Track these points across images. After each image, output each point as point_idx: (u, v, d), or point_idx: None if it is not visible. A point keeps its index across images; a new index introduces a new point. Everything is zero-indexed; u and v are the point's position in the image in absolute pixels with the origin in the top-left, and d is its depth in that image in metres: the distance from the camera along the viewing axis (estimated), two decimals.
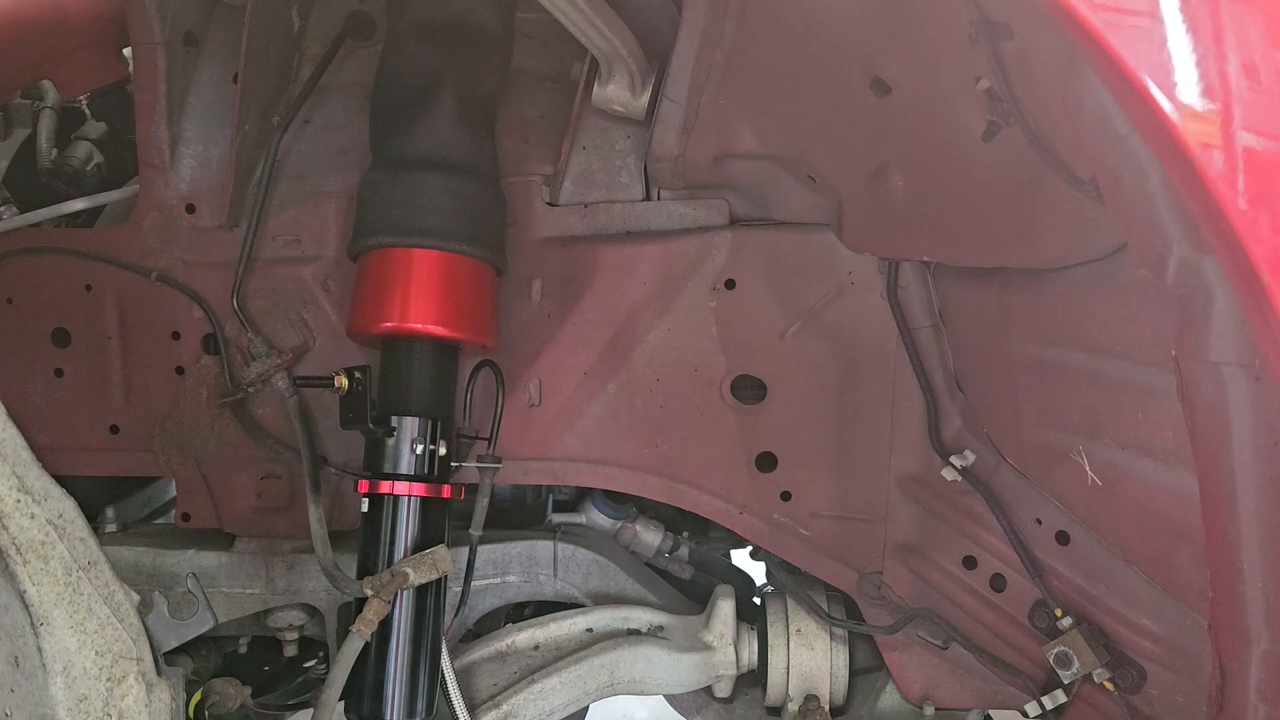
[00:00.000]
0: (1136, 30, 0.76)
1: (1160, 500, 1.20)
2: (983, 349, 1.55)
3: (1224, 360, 0.91)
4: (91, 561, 1.28)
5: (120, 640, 1.28)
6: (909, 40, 1.13)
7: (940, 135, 1.21)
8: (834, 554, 1.72)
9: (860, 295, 1.66)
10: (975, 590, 1.61)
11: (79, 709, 1.23)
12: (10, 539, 1.19)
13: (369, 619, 1.39)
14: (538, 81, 1.73)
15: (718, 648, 1.72)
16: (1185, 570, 1.23)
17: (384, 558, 1.46)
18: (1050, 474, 1.47)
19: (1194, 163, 0.76)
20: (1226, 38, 0.77)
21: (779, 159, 1.59)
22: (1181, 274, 0.90)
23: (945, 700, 1.71)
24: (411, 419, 1.50)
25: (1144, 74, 0.75)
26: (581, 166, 1.73)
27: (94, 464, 1.76)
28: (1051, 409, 1.39)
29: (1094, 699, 1.49)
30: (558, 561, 1.78)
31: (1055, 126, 0.99)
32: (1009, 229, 1.23)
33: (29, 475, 1.23)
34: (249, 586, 1.74)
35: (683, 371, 1.71)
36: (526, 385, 1.72)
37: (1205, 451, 0.99)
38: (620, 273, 1.69)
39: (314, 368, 1.63)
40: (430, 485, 1.49)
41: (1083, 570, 1.48)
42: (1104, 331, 1.19)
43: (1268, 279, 0.77)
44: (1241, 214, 0.76)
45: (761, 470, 1.72)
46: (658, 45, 1.53)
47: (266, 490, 1.74)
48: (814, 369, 1.69)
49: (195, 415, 1.74)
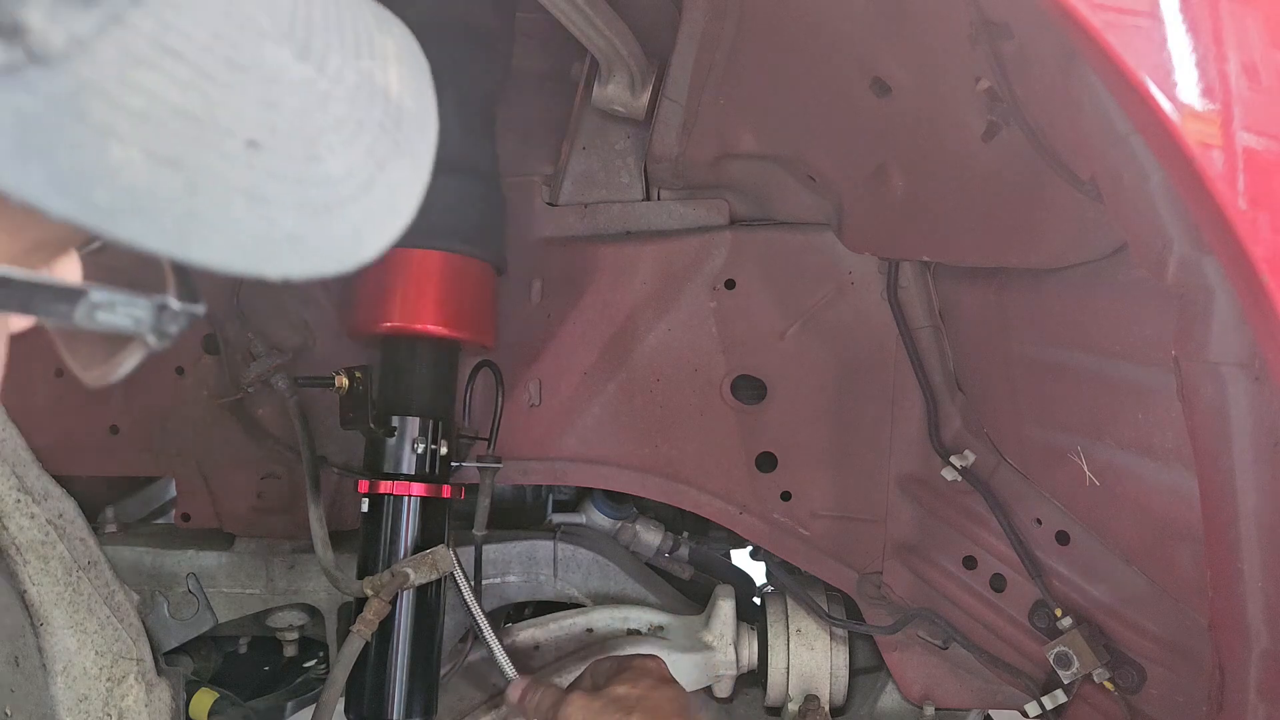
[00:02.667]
0: (1136, 30, 0.76)
1: (1160, 500, 1.20)
2: (983, 349, 1.55)
3: (1224, 360, 0.91)
4: (91, 561, 1.28)
5: (120, 640, 1.29)
6: (909, 40, 1.13)
7: (940, 135, 1.21)
8: (834, 554, 1.72)
9: (860, 295, 1.66)
10: (975, 590, 1.61)
11: (79, 709, 1.23)
12: (10, 539, 1.19)
13: (369, 619, 1.39)
14: (538, 81, 1.73)
15: (718, 648, 1.72)
16: (1185, 570, 1.23)
17: (384, 558, 1.46)
18: (1050, 474, 1.47)
19: (1194, 163, 0.76)
20: (1226, 38, 0.77)
21: (779, 159, 1.59)
22: (1181, 274, 0.90)
23: (945, 700, 1.71)
24: (412, 419, 1.49)
25: (1144, 74, 0.75)
26: (581, 166, 1.73)
27: (94, 464, 1.76)
28: (1052, 409, 1.39)
29: (1094, 699, 1.49)
30: (558, 561, 1.78)
31: (1055, 126, 0.99)
32: (1009, 229, 1.23)
33: (29, 475, 1.23)
34: (249, 586, 1.73)
35: (683, 371, 1.71)
36: (527, 385, 1.72)
37: (1205, 452, 0.99)
38: (620, 273, 1.69)
39: (314, 368, 1.63)
40: (431, 485, 1.49)
41: (1083, 570, 1.48)
42: (1104, 331, 1.19)
43: (1268, 279, 0.77)
44: (1241, 214, 0.76)
45: (761, 470, 1.72)
46: (657, 45, 1.53)
47: (267, 490, 1.74)
48: (814, 369, 1.69)
49: (195, 415, 1.74)
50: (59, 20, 0.36)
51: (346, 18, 0.48)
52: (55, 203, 0.36)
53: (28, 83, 0.36)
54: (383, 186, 0.47)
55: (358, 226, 0.46)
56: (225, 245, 0.41)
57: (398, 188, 0.49)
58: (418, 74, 0.54)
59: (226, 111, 0.41)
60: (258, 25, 0.43)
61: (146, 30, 0.39)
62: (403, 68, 0.52)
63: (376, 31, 0.51)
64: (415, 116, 0.52)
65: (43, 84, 0.37)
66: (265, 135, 0.42)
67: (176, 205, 0.39)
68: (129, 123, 0.38)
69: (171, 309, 0.46)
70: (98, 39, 0.38)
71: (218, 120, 0.41)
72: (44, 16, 0.36)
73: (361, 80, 0.47)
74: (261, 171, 0.42)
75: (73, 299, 0.43)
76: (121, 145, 0.38)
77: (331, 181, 0.45)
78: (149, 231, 0.39)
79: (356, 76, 0.47)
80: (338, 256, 0.45)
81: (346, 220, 0.45)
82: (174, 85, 0.39)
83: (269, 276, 0.42)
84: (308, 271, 0.44)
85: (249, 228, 0.41)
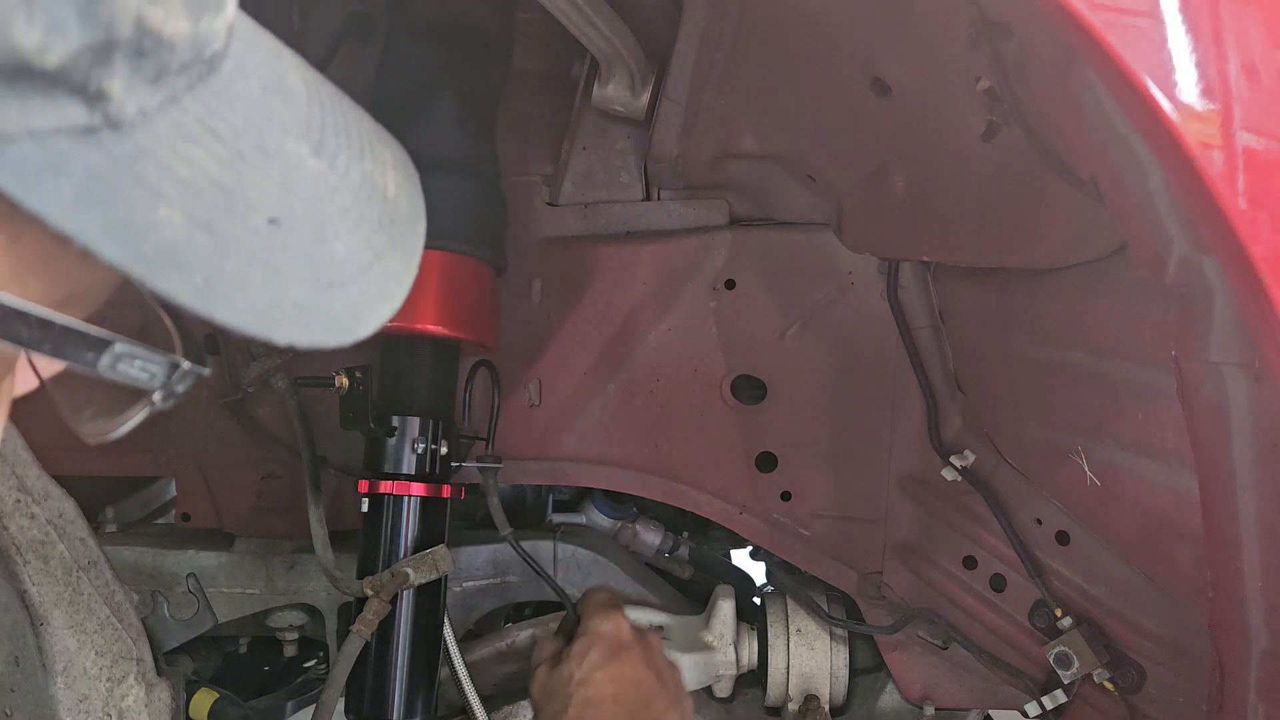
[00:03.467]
0: (1136, 30, 0.76)
1: (1160, 500, 1.20)
2: (983, 349, 1.55)
3: (1224, 360, 0.91)
4: (91, 561, 1.28)
5: (120, 640, 1.29)
6: (909, 40, 1.13)
7: (940, 135, 1.21)
8: (834, 554, 1.72)
9: (860, 295, 1.66)
10: (975, 590, 1.61)
11: (79, 709, 1.23)
12: (10, 539, 1.19)
13: (369, 619, 1.38)
14: (537, 81, 1.73)
15: (718, 648, 1.72)
16: (1185, 570, 1.23)
17: (384, 558, 1.46)
18: (1051, 474, 1.47)
19: (1194, 162, 0.75)
20: (1226, 38, 0.77)
21: (779, 159, 1.59)
22: (1181, 273, 0.90)
23: (945, 700, 1.71)
24: (412, 419, 1.49)
25: (1143, 74, 0.75)
26: (581, 166, 1.73)
27: (94, 464, 1.75)
28: (1052, 409, 1.38)
29: (1094, 699, 1.49)
30: (557, 562, 1.78)
31: (1055, 126, 0.99)
32: (1009, 229, 1.22)
33: (29, 475, 1.23)
34: (249, 587, 1.73)
35: (683, 371, 1.71)
36: (526, 385, 1.72)
37: (1205, 451, 0.99)
38: (620, 273, 1.69)
39: (314, 367, 1.63)
40: (431, 485, 1.49)
41: (1083, 570, 1.48)
42: (1104, 331, 1.19)
43: (1267, 279, 0.77)
44: (1241, 214, 0.76)
45: (761, 470, 1.72)
46: (657, 45, 1.53)
47: (267, 490, 1.74)
48: (814, 369, 1.69)
49: (195, 415, 1.73)
50: (133, 93, 0.43)
51: (353, 127, 0.57)
52: (107, 249, 0.41)
53: (101, 143, 0.42)
54: (379, 273, 0.54)
55: (355, 305, 0.52)
56: (244, 307, 0.46)
57: (391, 276, 0.56)
58: (411, 181, 0.62)
59: (254, 189, 0.47)
60: (281, 120, 0.51)
61: (195, 112, 0.46)
62: (398, 174, 0.60)
63: (377, 142, 0.59)
64: (408, 218, 0.59)
65: (112, 146, 0.43)
66: (285, 214, 0.49)
67: (207, 265, 0.44)
68: (175, 188, 0.44)
69: (182, 368, 0.51)
70: (158, 113, 0.45)
71: (246, 196, 0.47)
72: (123, 89, 0.43)
73: (364, 180, 0.55)
74: (278, 245, 0.48)
75: (100, 348, 0.47)
76: (167, 206, 0.43)
77: (336, 262, 0.51)
78: (182, 286, 0.43)
79: (360, 176, 0.55)
80: (337, 330, 0.51)
81: (347, 298, 0.51)
82: (213, 160, 0.46)
83: (277, 341, 0.48)
84: (311, 341, 0.50)
85: (265, 294, 0.47)
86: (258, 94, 0.50)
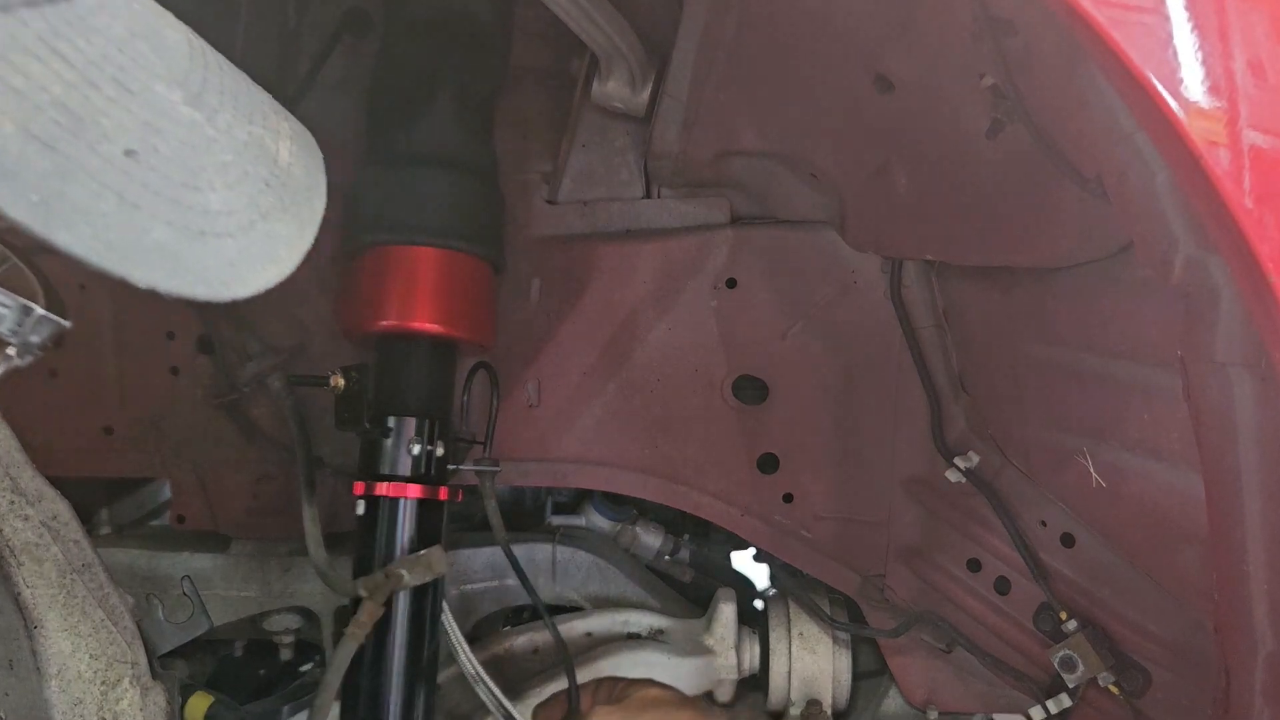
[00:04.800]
0: (1141, 27, 0.75)
1: (1166, 502, 1.19)
2: (987, 349, 1.54)
3: (1230, 361, 0.90)
4: (86, 564, 1.27)
5: (115, 643, 1.28)
6: (912, 37, 1.12)
7: (944, 133, 1.20)
8: (837, 556, 1.70)
9: (863, 295, 1.65)
10: (979, 593, 1.60)
11: (73, 712, 1.22)
12: (4, 541, 1.18)
13: (363, 621, 1.37)
14: (537, 78, 1.72)
15: (719, 651, 1.71)
16: (1190, 573, 1.22)
17: (380, 560, 1.45)
18: (1056, 475, 1.46)
19: (1200, 161, 0.75)
20: (1233, 35, 0.76)
21: (781, 156, 1.58)
22: (1187, 273, 0.89)
23: (949, 704, 1.70)
24: (409, 419, 1.48)
25: (1149, 71, 0.74)
26: (581, 164, 1.72)
27: (88, 465, 1.75)
28: (1057, 410, 1.37)
29: (1099, 703, 1.48)
30: (556, 564, 1.77)
31: (1060, 124, 0.98)
32: (1013, 227, 1.22)
33: (23, 477, 1.22)
34: (244, 589, 1.72)
35: (683, 371, 1.70)
36: (525, 385, 1.71)
37: (1211, 453, 0.98)
38: (620, 271, 1.68)
39: (310, 367, 1.62)
40: (427, 486, 1.48)
41: (1088, 573, 1.47)
42: (1110, 331, 1.18)
43: (1274, 278, 0.76)
44: (1248, 212, 0.75)
45: (763, 472, 1.71)
46: (658, 41, 1.52)
47: (262, 491, 1.73)
48: (816, 369, 1.67)
49: (190, 416, 1.73)
50: None
51: (243, 93, 0.57)
52: None
53: None
54: (262, 233, 0.54)
55: (233, 260, 0.52)
56: (91, 236, 0.45)
57: (279, 240, 0.56)
58: (310, 155, 0.62)
59: (109, 120, 0.47)
60: (150, 65, 0.50)
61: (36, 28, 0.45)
62: (295, 146, 0.60)
63: (272, 113, 0.60)
64: (304, 187, 0.59)
65: None
66: (146, 151, 0.48)
67: (46, 184, 0.44)
68: (6, 97, 0.43)
69: (36, 313, 0.51)
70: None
71: (100, 125, 0.46)
72: None
73: (251, 141, 0.55)
74: (137, 181, 0.47)
75: None
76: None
77: (210, 213, 0.51)
78: (16, 200, 0.43)
79: (246, 137, 0.55)
80: (210, 282, 0.51)
81: (222, 252, 0.51)
82: (57, 81, 0.45)
83: (136, 281, 0.47)
84: (178, 288, 0.49)
85: (118, 227, 0.46)
86: (123, 35, 0.50)
